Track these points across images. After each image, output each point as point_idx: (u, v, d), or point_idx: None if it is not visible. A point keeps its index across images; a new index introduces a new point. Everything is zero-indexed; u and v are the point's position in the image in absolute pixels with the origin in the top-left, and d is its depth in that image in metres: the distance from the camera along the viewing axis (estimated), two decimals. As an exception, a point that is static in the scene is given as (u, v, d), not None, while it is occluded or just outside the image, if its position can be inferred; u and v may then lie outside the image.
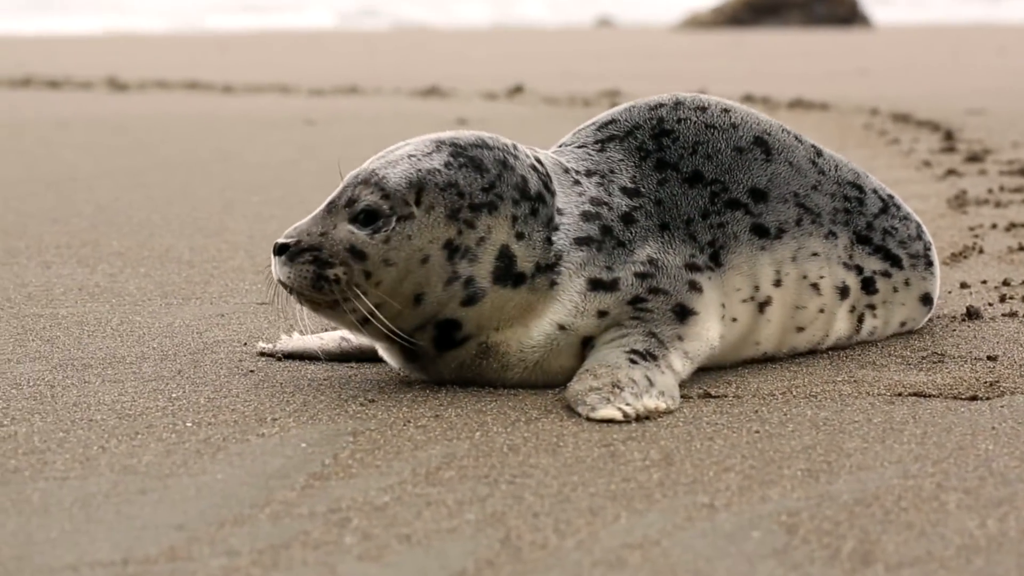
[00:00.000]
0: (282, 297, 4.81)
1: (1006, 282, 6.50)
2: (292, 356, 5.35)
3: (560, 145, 5.21)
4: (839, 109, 14.53)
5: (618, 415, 4.51)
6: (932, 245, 5.60)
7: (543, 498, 3.84)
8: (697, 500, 3.82)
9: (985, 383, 4.92)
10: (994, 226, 8.01)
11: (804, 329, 5.23)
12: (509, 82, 17.82)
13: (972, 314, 5.85)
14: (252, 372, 5.15)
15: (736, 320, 5.05)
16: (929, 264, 5.55)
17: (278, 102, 16.23)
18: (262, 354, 5.39)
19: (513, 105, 15.47)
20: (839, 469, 4.06)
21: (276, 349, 5.37)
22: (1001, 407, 4.67)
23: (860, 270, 5.35)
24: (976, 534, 3.59)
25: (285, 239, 4.73)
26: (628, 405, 4.54)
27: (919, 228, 5.57)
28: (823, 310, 5.25)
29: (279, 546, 3.54)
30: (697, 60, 22.79)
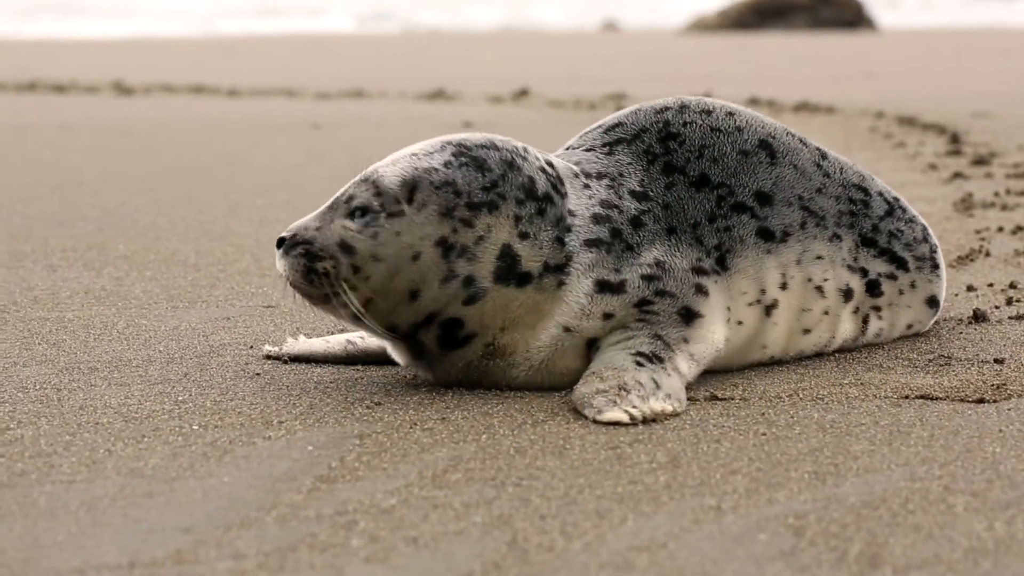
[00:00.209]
0: (290, 293, 4.83)
1: (1013, 285, 6.49)
2: (298, 359, 5.35)
3: (567, 148, 5.21)
4: (845, 112, 14.52)
5: (625, 417, 4.51)
6: (938, 248, 5.60)
7: (550, 500, 3.84)
8: (704, 502, 3.82)
9: (992, 386, 4.92)
10: (1000, 229, 8.01)
11: (810, 332, 5.23)
12: (515, 85, 17.83)
13: (979, 317, 5.85)
14: (258, 375, 5.15)
15: (742, 323, 5.05)
16: (935, 267, 5.55)
17: (284, 106, 16.23)
18: (268, 357, 5.39)
19: (519, 108, 15.47)
20: (846, 471, 4.05)
21: (282, 352, 5.38)
22: (1008, 410, 4.67)
23: (865, 272, 5.34)
24: (984, 537, 3.58)
25: (285, 233, 4.79)
26: (635, 408, 4.54)
27: (925, 231, 5.57)
28: (827, 312, 5.25)
29: (286, 549, 3.54)
30: (703, 63, 22.79)
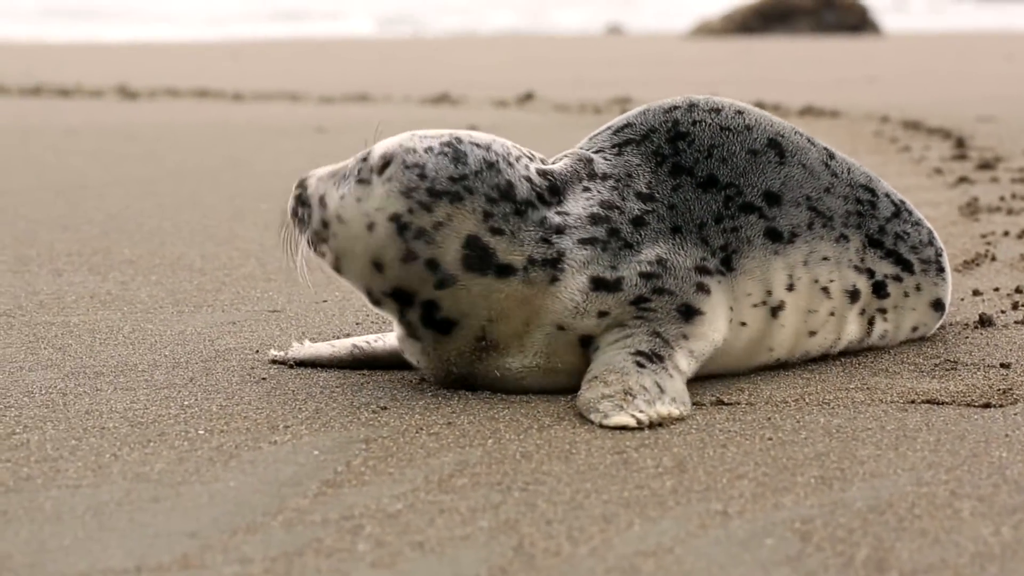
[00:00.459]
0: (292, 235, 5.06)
1: (1019, 289, 6.49)
2: (304, 363, 5.35)
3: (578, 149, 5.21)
4: (849, 116, 14.52)
5: (632, 422, 4.51)
6: (944, 251, 5.59)
7: (556, 505, 3.84)
8: (710, 507, 3.82)
9: (998, 390, 4.92)
10: (1006, 233, 8.00)
11: (815, 333, 5.23)
12: (520, 89, 17.83)
13: (985, 321, 5.84)
14: (264, 380, 5.15)
15: (746, 325, 5.04)
16: (941, 270, 5.54)
17: (288, 110, 16.24)
18: (274, 362, 5.39)
19: (524, 113, 15.48)
20: (852, 476, 4.05)
21: (288, 357, 5.37)
22: (1015, 414, 4.66)
23: (872, 273, 5.34)
24: (990, 541, 3.58)
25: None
26: (641, 412, 4.54)
27: (931, 234, 5.57)
28: (833, 313, 5.24)
29: (292, 554, 3.53)
30: (707, 67, 22.79)
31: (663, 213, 4.99)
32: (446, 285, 4.77)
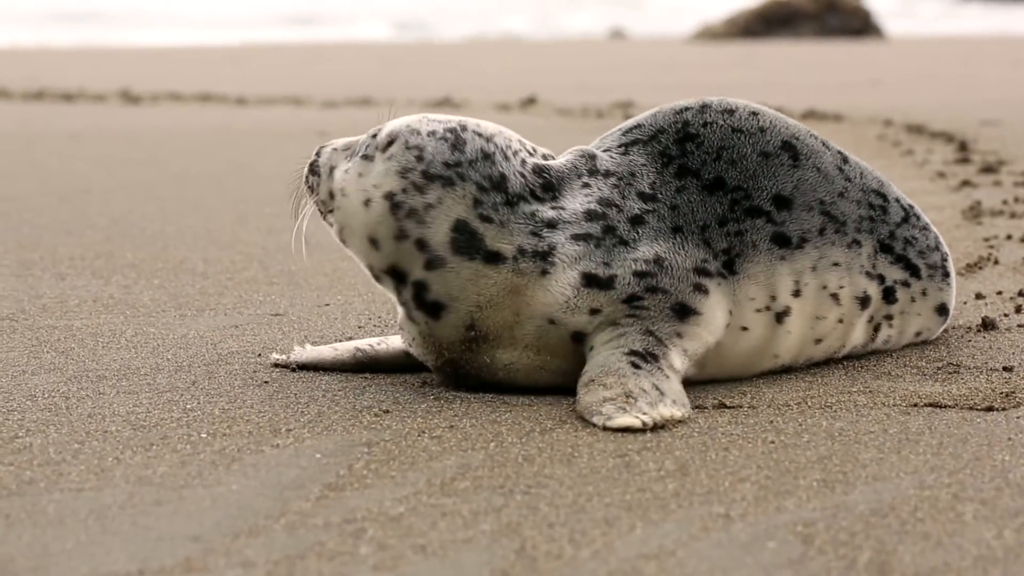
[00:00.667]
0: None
1: (1021, 293, 6.48)
2: (306, 367, 5.36)
3: None
4: (853, 120, 14.51)
5: (637, 423, 4.51)
6: (949, 256, 5.59)
7: (558, 508, 3.84)
8: (713, 510, 3.81)
9: (1001, 394, 4.91)
10: (1009, 237, 8.00)
11: (822, 340, 5.21)
12: (522, 93, 17.84)
13: (987, 325, 5.84)
14: (266, 383, 5.15)
15: (747, 329, 5.03)
16: (946, 275, 5.53)
17: (291, 114, 16.25)
18: (276, 365, 5.40)
19: (526, 116, 15.47)
20: (855, 479, 4.05)
21: (290, 360, 5.38)
22: (1017, 418, 4.66)
23: (882, 279, 5.32)
24: (993, 545, 3.58)
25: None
26: (645, 414, 4.54)
27: (937, 239, 5.55)
28: (842, 320, 5.23)
29: (294, 557, 3.54)
30: (710, 72, 22.79)
31: (664, 213, 4.98)
32: (435, 266, 4.83)
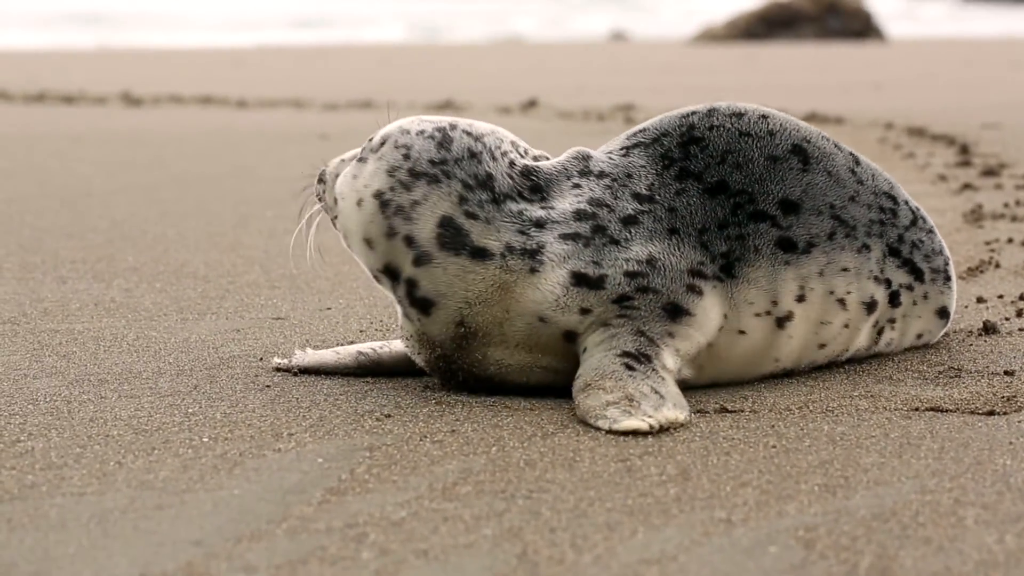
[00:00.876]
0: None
1: (1023, 296, 6.48)
2: (308, 371, 5.36)
3: None
4: (854, 123, 14.51)
5: (643, 425, 4.51)
6: (950, 260, 5.58)
7: (560, 513, 3.84)
8: (714, 515, 3.82)
9: (1002, 398, 4.91)
10: (1010, 240, 8.00)
11: (826, 346, 5.20)
12: (524, 96, 17.84)
13: (989, 329, 5.84)
14: (268, 387, 5.15)
15: (745, 333, 5.02)
16: (948, 279, 5.52)
17: (292, 117, 16.25)
18: (278, 369, 5.40)
19: (527, 119, 15.48)
20: (856, 484, 4.05)
21: (292, 364, 5.38)
22: (1019, 422, 4.66)
23: (889, 283, 5.31)
24: (994, 549, 3.58)
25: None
26: (650, 417, 4.55)
27: (941, 243, 5.54)
28: (847, 325, 5.21)
29: (296, 562, 3.54)
30: (711, 74, 22.80)
31: (661, 215, 4.98)
32: (423, 262, 4.87)
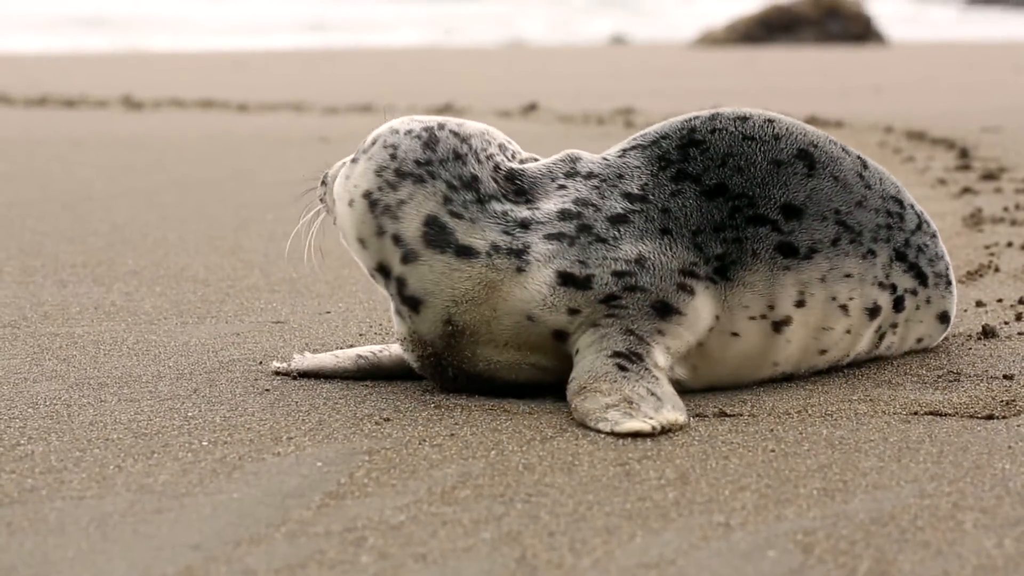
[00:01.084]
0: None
1: (1022, 300, 6.49)
2: (307, 374, 5.36)
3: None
4: (854, 127, 14.52)
5: (646, 427, 4.52)
6: (950, 264, 5.58)
7: (559, 517, 3.84)
8: (713, 519, 3.82)
9: (1001, 402, 4.92)
10: (1010, 244, 8.00)
11: (827, 351, 5.19)
12: (524, 100, 17.85)
13: (988, 333, 5.84)
14: (268, 391, 5.15)
15: (738, 335, 5.01)
16: (949, 283, 5.52)
17: (293, 120, 16.26)
18: (277, 373, 5.40)
19: (527, 123, 15.48)
20: (855, 488, 4.05)
21: (291, 368, 5.38)
22: (1018, 426, 4.66)
23: (894, 288, 5.30)
24: (993, 554, 3.58)
25: None
26: (651, 418, 4.56)
27: (942, 247, 5.52)
28: (850, 331, 5.21)
29: (295, 565, 3.54)
30: (711, 78, 22.80)
31: (653, 215, 4.97)
32: (410, 260, 4.92)
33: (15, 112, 17.43)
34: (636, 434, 4.53)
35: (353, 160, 5.08)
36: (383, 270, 4.99)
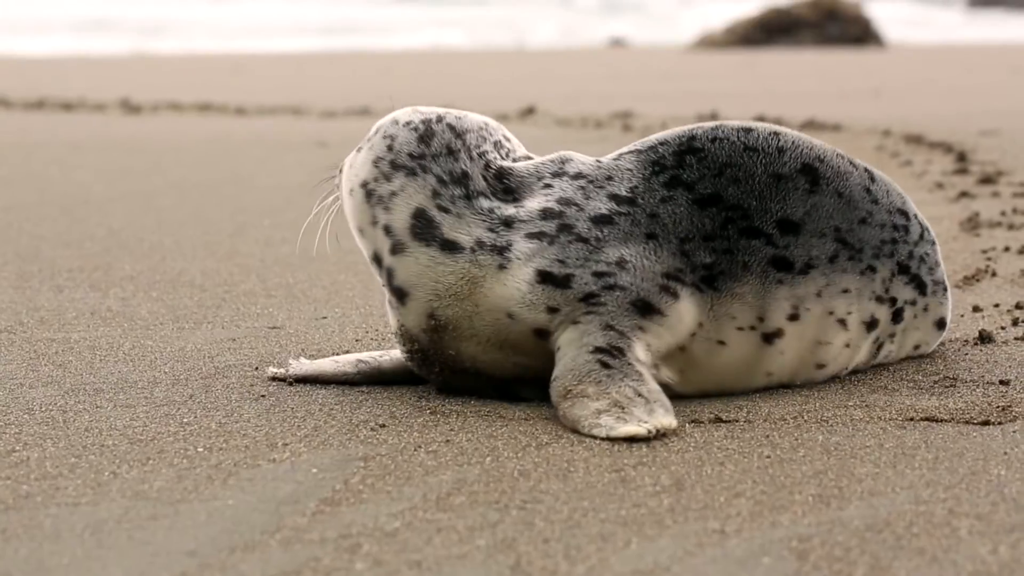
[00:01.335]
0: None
1: (1019, 305, 6.48)
2: (304, 380, 5.36)
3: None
4: (852, 130, 14.51)
5: (642, 431, 4.52)
6: (944, 270, 5.56)
7: (553, 524, 3.84)
8: (708, 526, 3.82)
9: (997, 408, 4.91)
10: (1007, 249, 8.00)
11: (826, 366, 5.18)
12: (522, 103, 17.85)
13: (984, 338, 5.84)
14: (263, 397, 5.15)
15: (725, 344, 4.99)
16: (945, 289, 5.51)
17: (290, 124, 16.26)
18: (273, 379, 5.40)
19: (525, 127, 15.48)
20: (850, 494, 4.05)
21: (288, 373, 5.38)
22: (1014, 432, 4.66)
23: (894, 301, 5.28)
24: (988, 560, 3.58)
25: None
26: (645, 422, 4.55)
27: (939, 252, 5.51)
28: (848, 345, 5.20)
29: (290, 572, 3.54)
30: (710, 81, 22.80)
31: (640, 219, 4.96)
32: (398, 251, 4.97)
33: (13, 115, 17.43)
34: (632, 439, 4.53)
35: (358, 149, 5.14)
36: (377, 260, 5.05)
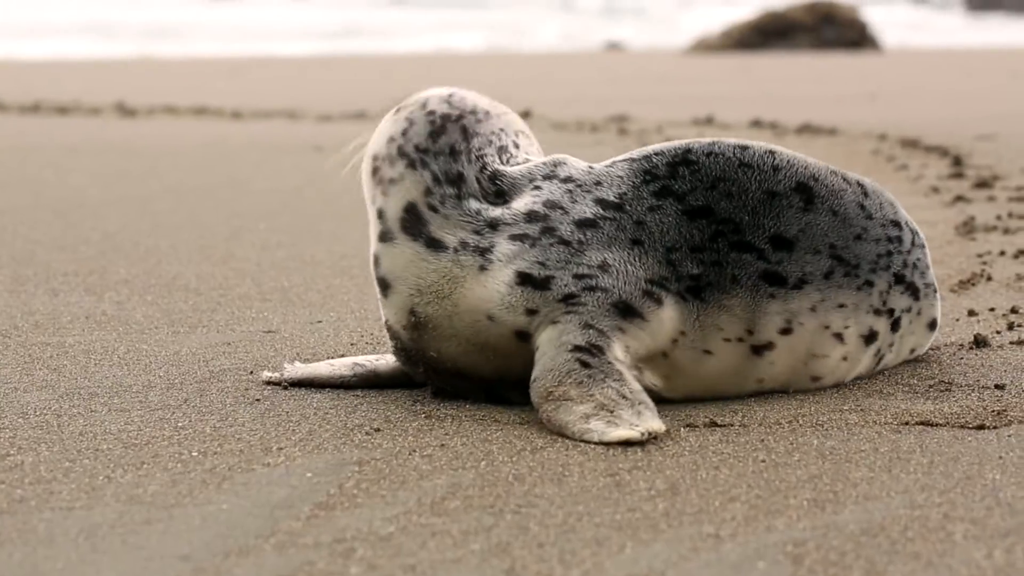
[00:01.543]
0: None
1: (1014, 310, 6.48)
2: (300, 384, 5.35)
3: None
4: (848, 134, 14.52)
5: (635, 434, 4.52)
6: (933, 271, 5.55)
7: (548, 528, 3.84)
8: (703, 530, 3.82)
9: (992, 412, 4.91)
10: (1002, 253, 8.00)
11: (821, 378, 5.16)
12: (517, 107, 17.84)
13: (980, 342, 5.84)
14: (258, 401, 5.15)
15: (711, 353, 4.97)
16: (935, 290, 5.51)
17: (286, 128, 16.25)
18: (268, 383, 5.40)
19: (521, 130, 15.45)
20: (845, 499, 4.05)
21: (283, 377, 5.38)
22: (1008, 436, 4.66)
23: (892, 312, 5.28)
24: (983, 565, 3.58)
25: None
26: (636, 425, 4.55)
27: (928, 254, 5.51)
28: (846, 358, 5.19)
29: (284, 577, 3.54)
30: (706, 84, 22.80)
31: (626, 224, 4.95)
32: (386, 239, 5.01)
33: (8, 118, 17.42)
34: (626, 442, 4.52)
35: (396, 110, 5.19)
36: (371, 238, 5.09)
